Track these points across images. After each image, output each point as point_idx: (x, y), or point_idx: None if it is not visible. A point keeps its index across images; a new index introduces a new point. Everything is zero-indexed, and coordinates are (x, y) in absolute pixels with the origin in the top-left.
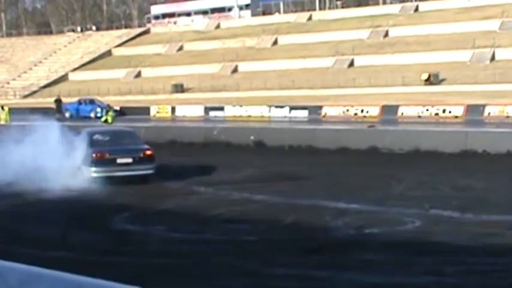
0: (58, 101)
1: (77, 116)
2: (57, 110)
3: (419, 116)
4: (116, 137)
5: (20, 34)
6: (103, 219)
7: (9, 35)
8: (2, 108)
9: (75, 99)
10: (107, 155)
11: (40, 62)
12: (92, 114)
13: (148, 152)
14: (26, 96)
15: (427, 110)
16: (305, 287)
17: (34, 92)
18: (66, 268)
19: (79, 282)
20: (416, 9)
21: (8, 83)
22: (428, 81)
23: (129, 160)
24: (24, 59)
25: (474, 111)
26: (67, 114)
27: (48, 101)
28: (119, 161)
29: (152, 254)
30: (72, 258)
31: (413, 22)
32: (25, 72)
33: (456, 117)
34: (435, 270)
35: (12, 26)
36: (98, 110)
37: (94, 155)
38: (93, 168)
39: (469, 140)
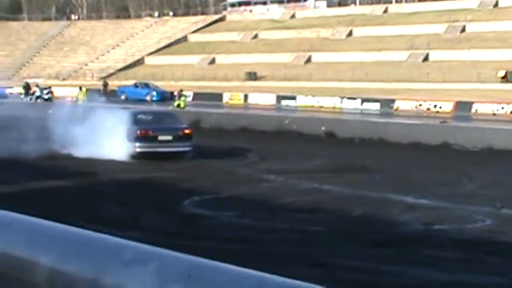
0: (27, 86)
1: (132, 99)
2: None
3: (494, 114)
4: (158, 117)
5: (99, 17)
6: (173, 202)
7: (89, 18)
8: (80, 88)
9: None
10: (150, 133)
11: (118, 45)
12: (148, 98)
13: (186, 131)
14: (102, 78)
15: (503, 108)
16: (373, 281)
17: (111, 75)
18: None
19: (191, 262)
20: (496, 5)
21: (87, 64)
22: (505, 79)
23: (170, 138)
24: (103, 42)
25: None
26: (122, 97)
27: (124, 83)
28: (160, 138)
29: (223, 239)
30: (144, 239)
31: (492, 18)
32: (103, 54)
33: None
34: (504, 271)
35: (92, 10)
36: (154, 93)
37: (138, 132)
38: (137, 144)
39: None
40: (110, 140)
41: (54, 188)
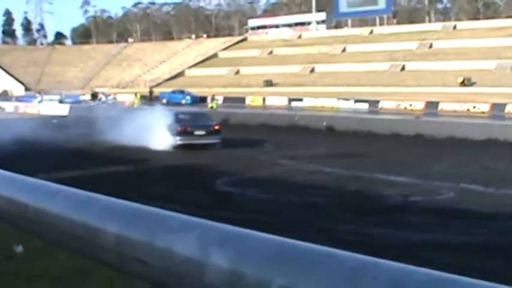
0: (94, 94)
1: (171, 102)
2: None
3: (455, 111)
4: (194, 116)
5: (150, 40)
6: (208, 182)
7: (142, 40)
8: (136, 95)
9: (192, 90)
10: (188, 129)
11: (164, 61)
12: (183, 101)
13: (216, 127)
14: (152, 87)
15: (461, 106)
16: (363, 241)
17: (159, 84)
18: None
19: (226, 230)
20: (455, 27)
21: (140, 76)
22: (463, 84)
23: (203, 132)
24: (153, 58)
25: (498, 108)
26: (164, 101)
27: (165, 90)
28: (196, 133)
29: (247, 210)
30: (186, 211)
31: (452, 37)
32: (153, 68)
33: (483, 112)
34: (465, 231)
35: (144, 34)
36: (188, 98)
37: (179, 128)
38: (178, 137)
39: (493, 131)
40: (157, 134)
41: (115, 172)
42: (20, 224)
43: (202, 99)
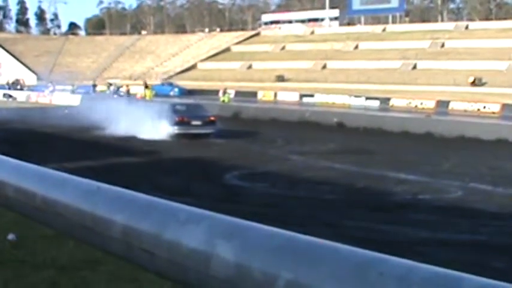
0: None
1: (160, 94)
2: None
3: (465, 110)
4: (191, 107)
5: (162, 32)
6: (218, 176)
7: (155, 33)
8: (148, 87)
9: (204, 83)
10: (185, 119)
11: (177, 54)
12: (171, 93)
13: (212, 118)
14: (165, 79)
15: (472, 105)
16: (371, 238)
17: (171, 77)
18: None
19: (232, 222)
20: (467, 27)
21: (153, 68)
22: (474, 84)
23: (199, 123)
24: (165, 51)
25: (508, 109)
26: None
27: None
28: (193, 123)
29: (256, 204)
30: (196, 204)
31: (464, 37)
32: (165, 61)
33: (494, 112)
34: (472, 230)
35: (158, 27)
36: (176, 90)
37: (176, 119)
38: (176, 127)
39: (503, 131)
40: (158, 124)
41: (122, 162)
42: (27, 212)
43: (190, 92)
